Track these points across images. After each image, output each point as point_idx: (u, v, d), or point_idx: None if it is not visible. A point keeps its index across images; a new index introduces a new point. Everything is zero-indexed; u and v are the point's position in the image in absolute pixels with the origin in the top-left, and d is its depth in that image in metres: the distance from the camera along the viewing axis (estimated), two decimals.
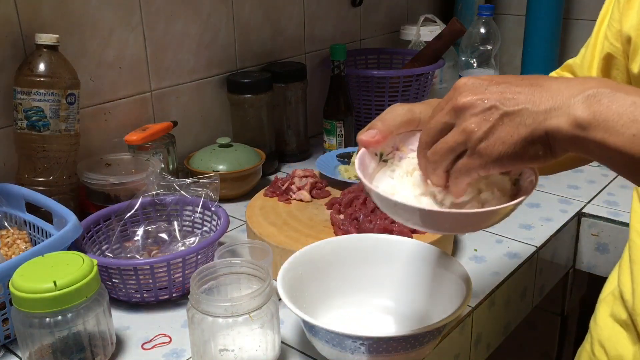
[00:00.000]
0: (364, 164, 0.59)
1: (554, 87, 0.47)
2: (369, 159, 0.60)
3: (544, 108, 0.47)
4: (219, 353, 0.65)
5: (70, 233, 0.74)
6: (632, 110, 0.44)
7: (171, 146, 1.07)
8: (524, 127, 0.47)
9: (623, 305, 0.71)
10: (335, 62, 1.23)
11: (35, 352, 0.65)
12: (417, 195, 0.57)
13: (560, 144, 0.47)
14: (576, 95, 0.46)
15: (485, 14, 1.20)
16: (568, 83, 0.48)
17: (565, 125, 0.46)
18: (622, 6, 0.66)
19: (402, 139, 0.61)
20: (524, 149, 0.48)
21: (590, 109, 0.45)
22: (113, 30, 1.04)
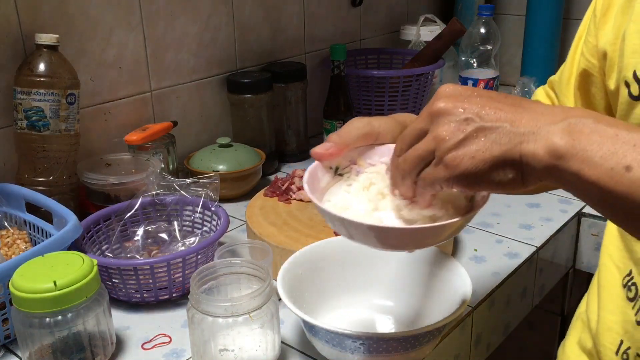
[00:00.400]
0: (315, 177, 0.58)
1: (536, 110, 0.45)
2: (322, 173, 0.58)
3: (523, 130, 0.44)
4: (219, 353, 0.65)
5: (70, 233, 0.74)
6: (613, 142, 0.41)
7: (171, 146, 1.07)
8: (497, 146, 0.44)
9: (589, 333, 0.69)
10: (335, 62, 1.23)
11: (35, 352, 0.65)
12: (371, 210, 0.55)
13: (534, 172, 0.44)
14: (557, 121, 0.44)
15: (485, 14, 1.20)
16: (552, 109, 0.46)
17: (541, 152, 0.43)
18: (598, 21, 0.64)
19: (360, 153, 0.59)
20: (492, 169, 0.45)
21: (570, 136, 0.42)
22: (113, 30, 1.04)
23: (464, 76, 1.24)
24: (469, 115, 0.45)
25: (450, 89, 0.48)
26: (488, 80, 1.21)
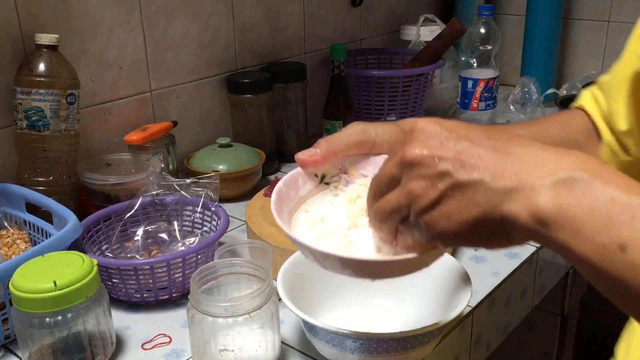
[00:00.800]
0: (293, 185, 0.54)
1: (522, 159, 0.39)
2: (304, 180, 0.55)
3: (504, 186, 0.39)
4: (219, 353, 0.65)
5: (70, 233, 0.74)
6: (608, 209, 0.35)
7: (171, 146, 1.07)
8: (475, 206, 0.39)
9: None
10: (335, 62, 1.23)
11: (35, 352, 0.65)
12: (346, 228, 0.51)
13: (518, 234, 0.39)
14: (545, 177, 0.38)
15: (485, 14, 1.20)
16: (542, 157, 0.39)
17: (523, 215, 0.38)
18: None
19: (352, 162, 0.55)
20: (473, 230, 0.40)
21: (557, 199, 0.37)
22: (113, 30, 1.04)
23: (464, 76, 1.24)
24: (443, 168, 0.40)
25: (427, 130, 0.42)
26: (488, 80, 1.21)
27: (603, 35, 1.65)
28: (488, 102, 1.24)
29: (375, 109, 1.32)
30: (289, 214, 0.54)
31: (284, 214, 0.53)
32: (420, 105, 1.36)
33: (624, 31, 1.62)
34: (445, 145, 0.41)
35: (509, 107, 1.43)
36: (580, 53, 1.70)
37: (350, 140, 0.52)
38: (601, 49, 1.67)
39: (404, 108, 1.33)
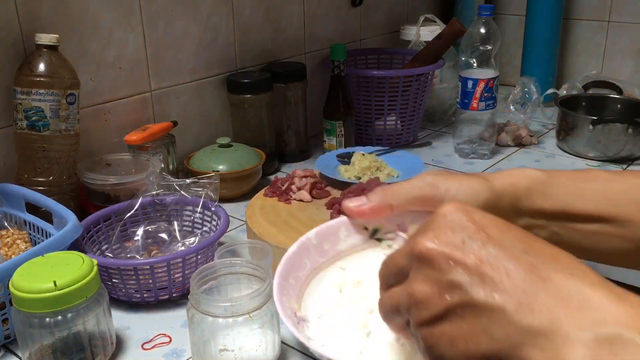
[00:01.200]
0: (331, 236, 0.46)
1: (562, 293, 0.30)
2: (348, 231, 0.47)
3: (530, 323, 0.30)
4: (219, 353, 0.65)
5: (70, 233, 0.74)
6: None
7: (171, 146, 1.07)
8: (487, 339, 0.31)
9: None
10: (335, 62, 1.23)
11: (35, 352, 0.65)
12: None
13: None
14: (586, 327, 0.29)
15: (485, 14, 1.20)
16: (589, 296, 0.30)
17: None
18: None
19: (415, 219, 0.46)
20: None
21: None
22: (113, 30, 1.04)
23: (464, 76, 1.24)
24: (457, 277, 0.32)
25: (450, 218, 0.34)
26: (488, 80, 1.21)
27: (603, 35, 1.65)
28: (488, 102, 1.24)
29: (375, 109, 1.32)
30: (312, 270, 0.46)
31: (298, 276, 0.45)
32: (420, 105, 1.36)
33: (624, 31, 1.62)
34: (466, 246, 0.33)
35: (509, 107, 1.43)
36: (580, 53, 1.70)
37: (412, 193, 0.44)
38: (601, 49, 1.67)
39: (404, 108, 1.33)
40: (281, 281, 0.44)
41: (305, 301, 0.46)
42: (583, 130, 1.25)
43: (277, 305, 0.43)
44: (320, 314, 0.45)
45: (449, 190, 0.44)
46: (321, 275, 0.47)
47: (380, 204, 0.45)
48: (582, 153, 1.27)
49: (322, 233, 0.47)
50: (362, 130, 1.36)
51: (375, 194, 0.45)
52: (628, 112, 1.35)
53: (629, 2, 1.59)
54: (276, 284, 0.44)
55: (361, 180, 1.04)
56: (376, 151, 1.16)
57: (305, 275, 0.46)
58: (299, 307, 0.45)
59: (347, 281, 0.46)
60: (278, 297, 0.43)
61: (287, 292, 0.44)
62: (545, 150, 1.34)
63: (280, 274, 0.45)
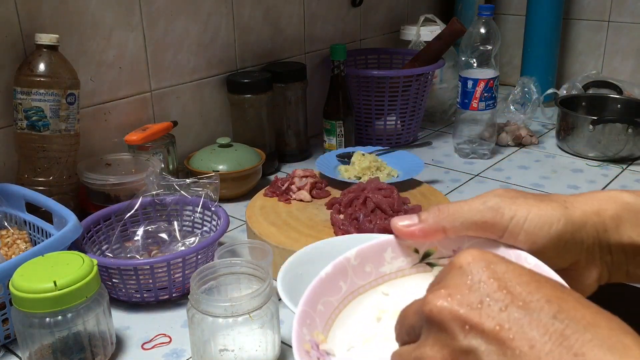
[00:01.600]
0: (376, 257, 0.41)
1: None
2: (395, 253, 0.42)
3: None
4: (219, 353, 0.65)
5: (70, 233, 0.74)
6: None
7: (171, 146, 1.07)
8: None
9: None
10: (335, 62, 1.23)
11: (35, 352, 0.65)
12: None
13: None
14: None
15: (485, 14, 1.20)
16: None
17: None
18: None
19: (474, 245, 0.40)
20: None
21: None
22: (113, 30, 1.04)
23: (464, 76, 1.24)
24: (473, 345, 0.28)
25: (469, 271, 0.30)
26: (488, 80, 1.21)
27: (603, 35, 1.65)
28: (488, 102, 1.24)
29: (375, 109, 1.32)
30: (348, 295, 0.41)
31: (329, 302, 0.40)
32: (420, 105, 1.36)
33: (624, 31, 1.62)
34: (485, 307, 0.28)
35: (509, 107, 1.43)
36: (580, 53, 1.71)
37: (471, 218, 0.39)
38: (601, 49, 1.67)
39: (404, 108, 1.33)
40: (306, 309, 0.39)
41: (334, 331, 0.41)
42: (583, 130, 1.25)
43: (293, 339, 0.37)
44: (350, 345, 0.40)
45: (514, 218, 0.38)
46: (358, 300, 0.42)
47: (433, 227, 0.40)
48: (582, 153, 1.27)
49: (365, 253, 0.42)
50: (362, 130, 1.36)
51: (430, 213, 0.40)
52: (628, 112, 1.35)
53: (629, 2, 1.59)
54: (298, 313, 0.38)
55: (361, 180, 1.04)
56: (376, 151, 1.16)
57: (339, 301, 0.41)
58: (325, 338, 0.40)
59: (387, 309, 0.41)
60: (297, 328, 0.38)
61: (311, 321, 0.39)
62: (545, 150, 1.34)
63: (306, 300, 0.39)
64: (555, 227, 0.37)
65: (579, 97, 1.42)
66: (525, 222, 0.38)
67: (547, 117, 1.47)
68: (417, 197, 0.98)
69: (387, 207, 0.87)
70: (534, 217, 0.37)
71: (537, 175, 1.21)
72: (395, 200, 0.88)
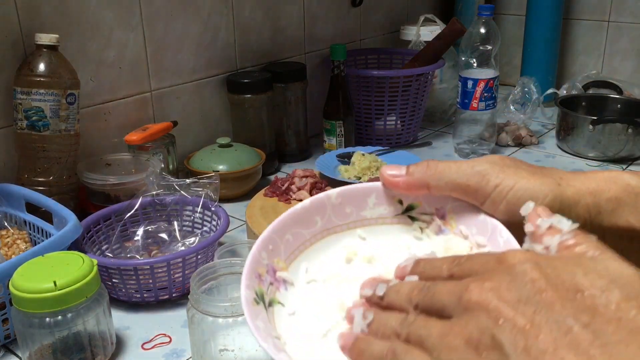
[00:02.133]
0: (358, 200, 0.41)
1: None
2: (379, 200, 0.41)
3: None
4: (219, 353, 0.65)
5: (70, 233, 0.74)
6: None
7: (171, 146, 1.07)
8: None
9: None
10: (335, 62, 1.23)
11: (35, 352, 0.65)
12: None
13: None
14: None
15: (485, 14, 1.20)
16: None
17: None
18: None
19: (456, 210, 0.40)
20: None
21: None
22: (113, 30, 1.04)
23: (464, 76, 1.24)
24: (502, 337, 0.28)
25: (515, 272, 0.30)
26: (488, 80, 1.21)
27: (603, 35, 1.65)
28: (488, 102, 1.24)
29: (375, 109, 1.32)
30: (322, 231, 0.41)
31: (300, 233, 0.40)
32: (420, 105, 1.36)
33: (624, 31, 1.62)
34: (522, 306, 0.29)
35: (509, 107, 1.43)
36: (580, 53, 1.71)
37: (457, 179, 0.38)
38: (601, 49, 1.67)
39: (404, 108, 1.33)
40: (271, 235, 0.38)
41: (299, 262, 0.40)
42: (583, 130, 1.25)
43: (247, 260, 0.37)
44: (312, 279, 0.40)
45: (499, 187, 0.37)
46: (332, 238, 0.41)
47: (417, 181, 0.39)
48: (582, 153, 1.27)
49: (348, 194, 0.41)
50: (362, 130, 1.36)
51: (417, 167, 0.39)
52: (628, 112, 1.35)
53: (629, 2, 1.59)
54: (261, 237, 0.38)
55: (361, 180, 1.04)
56: (376, 151, 1.16)
57: (311, 234, 0.40)
58: (286, 267, 0.39)
59: (360, 253, 0.40)
60: (255, 251, 0.37)
61: (275, 247, 0.39)
62: (545, 150, 1.34)
63: (274, 227, 0.38)
64: (540, 202, 0.36)
65: (579, 97, 1.42)
66: (509, 193, 0.36)
67: (547, 117, 1.48)
68: None
69: None
70: (520, 189, 0.36)
71: None
72: None
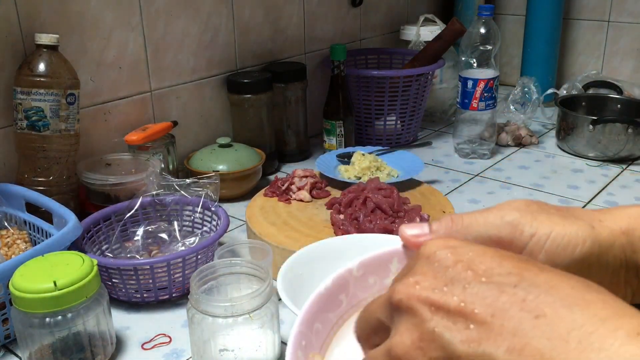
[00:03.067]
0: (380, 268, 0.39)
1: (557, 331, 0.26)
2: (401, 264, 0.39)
3: None
4: (219, 353, 0.65)
5: (70, 233, 0.74)
6: None
7: (171, 146, 1.07)
8: None
9: None
10: (335, 62, 1.23)
11: (35, 352, 0.65)
12: None
13: None
14: None
15: (485, 14, 1.20)
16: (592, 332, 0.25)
17: None
18: None
19: None
20: None
21: None
22: (113, 30, 1.04)
23: (463, 76, 1.24)
24: (439, 327, 0.28)
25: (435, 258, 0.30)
26: (488, 80, 1.21)
27: (603, 35, 1.65)
28: (488, 102, 1.24)
29: (375, 109, 1.32)
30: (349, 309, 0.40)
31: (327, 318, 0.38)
32: (420, 105, 1.36)
33: (624, 31, 1.62)
34: (450, 288, 0.29)
35: (509, 107, 1.43)
36: (580, 53, 1.71)
37: (487, 232, 0.35)
38: (601, 49, 1.67)
39: (404, 108, 1.33)
40: (301, 330, 0.37)
41: (333, 349, 0.39)
42: (583, 130, 1.25)
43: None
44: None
45: (535, 236, 0.34)
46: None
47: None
48: (582, 153, 1.27)
49: (369, 264, 0.39)
50: (362, 130, 1.36)
51: (441, 224, 0.36)
52: (628, 112, 1.35)
53: (629, 2, 1.59)
54: (293, 335, 0.36)
55: (361, 180, 1.04)
56: (376, 151, 1.16)
57: (338, 316, 0.39)
58: (322, 358, 0.38)
59: None
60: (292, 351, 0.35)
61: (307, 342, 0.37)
62: (545, 150, 1.34)
63: (302, 320, 0.37)
64: (580, 249, 0.34)
65: (579, 97, 1.42)
66: (547, 242, 0.34)
67: (547, 117, 1.47)
68: (417, 197, 0.98)
69: (387, 207, 0.87)
70: (557, 236, 0.34)
71: (537, 175, 1.21)
72: (395, 200, 0.88)
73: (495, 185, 1.16)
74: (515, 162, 1.28)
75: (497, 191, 1.13)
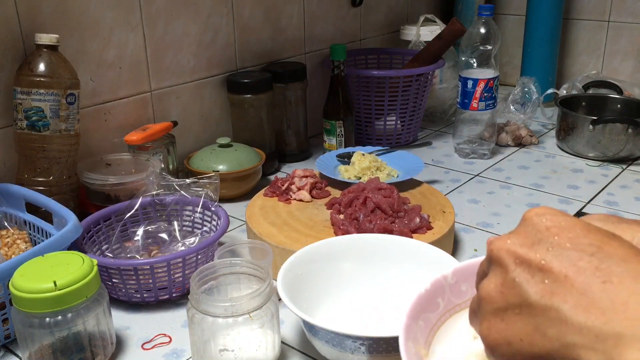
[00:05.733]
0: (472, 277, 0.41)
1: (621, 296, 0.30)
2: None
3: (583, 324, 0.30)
4: (219, 353, 0.65)
5: (70, 233, 0.74)
6: None
7: (171, 146, 1.07)
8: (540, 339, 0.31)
9: None
10: (335, 62, 1.23)
11: (35, 352, 0.65)
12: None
13: None
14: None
15: (485, 14, 1.20)
16: None
17: None
18: None
19: None
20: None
21: None
22: (113, 30, 1.04)
23: (463, 76, 1.24)
24: (519, 277, 0.33)
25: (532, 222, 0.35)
26: (488, 80, 1.21)
27: (603, 35, 1.65)
28: (488, 102, 1.24)
29: (375, 109, 1.32)
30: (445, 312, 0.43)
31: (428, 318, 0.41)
32: (420, 105, 1.36)
33: (624, 31, 1.62)
34: (536, 247, 0.33)
35: (509, 107, 1.43)
36: (580, 53, 1.71)
37: None
38: (601, 49, 1.67)
39: (404, 108, 1.33)
40: (410, 323, 0.41)
41: (434, 346, 0.42)
42: (583, 130, 1.25)
43: (402, 352, 0.39)
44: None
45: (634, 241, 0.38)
46: (454, 318, 0.43)
47: None
48: (582, 153, 1.27)
49: (461, 272, 0.43)
50: (362, 130, 1.36)
51: None
52: (628, 112, 1.35)
53: (629, 2, 1.59)
54: (404, 326, 0.40)
55: (361, 180, 1.04)
56: (376, 151, 1.16)
57: (436, 317, 0.43)
58: (426, 353, 0.41)
59: None
60: (404, 341, 0.39)
61: (414, 335, 0.41)
62: (545, 150, 1.34)
63: (410, 314, 0.41)
64: None
65: (579, 97, 1.42)
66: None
67: (547, 117, 1.47)
68: (417, 197, 0.98)
69: (387, 207, 0.87)
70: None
71: (537, 175, 1.21)
72: (395, 200, 0.88)
73: (495, 185, 1.16)
74: (515, 162, 1.28)
75: (497, 191, 1.13)
